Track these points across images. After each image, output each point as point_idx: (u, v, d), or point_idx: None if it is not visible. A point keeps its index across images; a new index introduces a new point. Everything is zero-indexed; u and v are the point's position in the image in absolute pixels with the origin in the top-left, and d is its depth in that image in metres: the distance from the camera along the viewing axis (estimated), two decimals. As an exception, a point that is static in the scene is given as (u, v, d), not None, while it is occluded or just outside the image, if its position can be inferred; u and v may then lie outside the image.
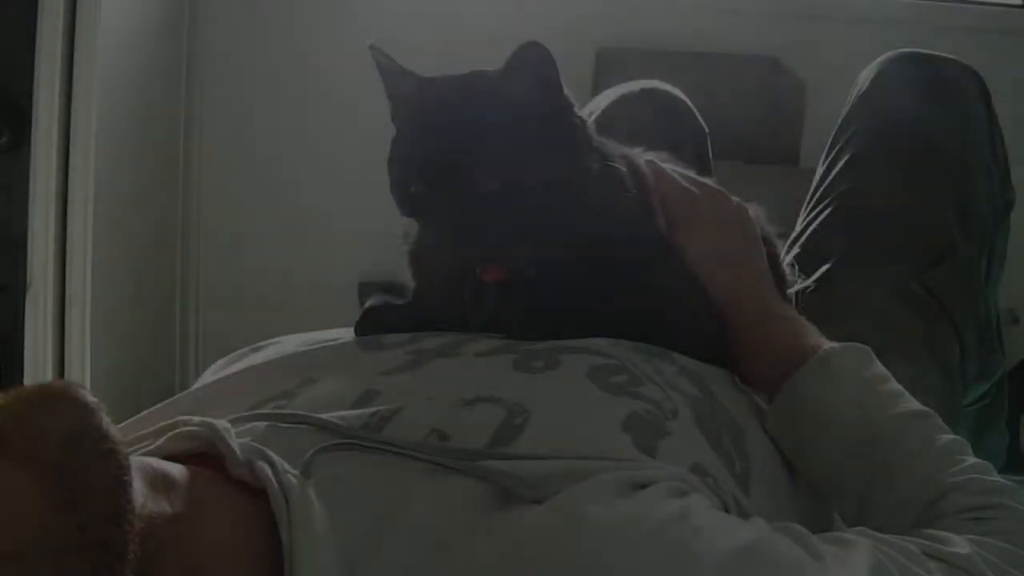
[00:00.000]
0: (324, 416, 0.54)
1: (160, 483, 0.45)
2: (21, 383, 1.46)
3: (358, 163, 2.20)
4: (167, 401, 0.65)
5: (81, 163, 1.55)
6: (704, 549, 0.45)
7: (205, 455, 0.51)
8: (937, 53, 1.00)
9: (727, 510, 0.53)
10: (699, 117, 1.16)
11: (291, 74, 2.20)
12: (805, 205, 1.02)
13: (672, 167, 0.79)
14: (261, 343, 0.75)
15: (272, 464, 0.48)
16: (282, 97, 2.20)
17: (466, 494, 0.48)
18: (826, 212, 0.97)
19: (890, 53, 1.02)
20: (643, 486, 0.49)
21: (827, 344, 0.69)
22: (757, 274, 0.75)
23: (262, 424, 0.55)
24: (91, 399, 0.40)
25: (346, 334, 0.72)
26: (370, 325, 0.72)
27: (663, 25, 2.20)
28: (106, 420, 0.40)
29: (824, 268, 0.93)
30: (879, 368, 0.68)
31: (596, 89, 2.11)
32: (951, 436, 0.63)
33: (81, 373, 1.57)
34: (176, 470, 0.47)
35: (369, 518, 0.47)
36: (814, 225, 0.97)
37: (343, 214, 2.18)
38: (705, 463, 0.56)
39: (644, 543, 0.45)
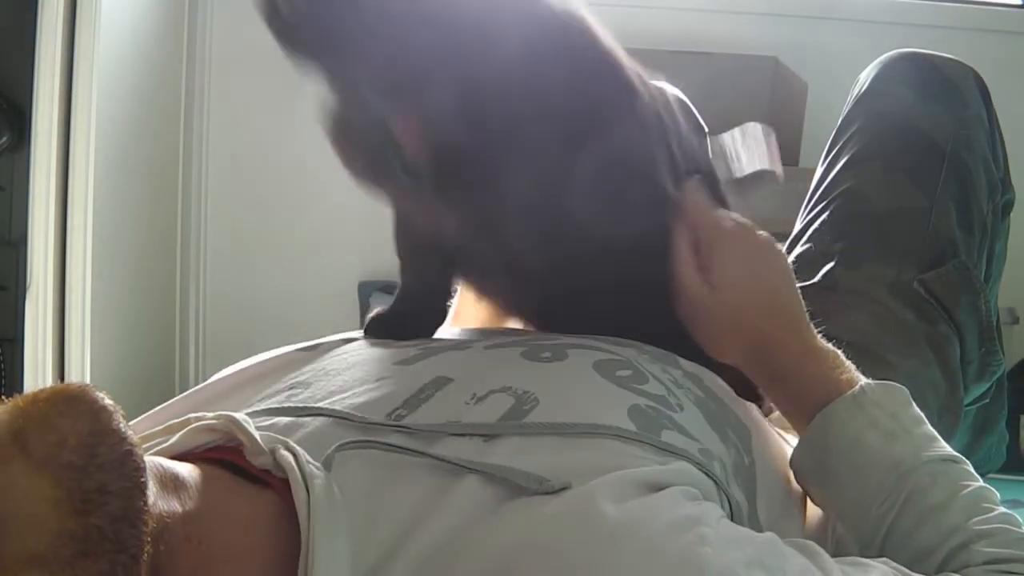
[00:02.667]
0: (344, 409, 0.55)
1: (170, 483, 0.45)
2: (21, 383, 1.46)
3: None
4: (178, 397, 0.65)
5: (81, 163, 1.55)
6: (711, 558, 0.44)
7: (220, 448, 0.51)
8: (937, 53, 1.00)
9: (736, 505, 0.53)
10: (699, 117, 1.16)
11: (292, 73, 2.20)
12: (805, 205, 1.01)
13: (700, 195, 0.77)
14: (268, 352, 0.75)
15: (295, 454, 0.48)
16: (283, 96, 2.20)
17: (479, 492, 0.48)
18: (826, 212, 0.97)
19: (890, 53, 1.02)
20: (658, 488, 0.49)
21: (864, 380, 0.67)
22: (793, 308, 0.72)
23: (284, 419, 0.55)
24: (108, 402, 0.41)
25: (359, 332, 0.73)
26: (375, 333, 0.72)
27: (663, 25, 2.20)
28: (123, 422, 0.41)
29: (825, 268, 0.93)
30: (914, 410, 0.66)
31: (596, 89, 2.11)
32: (980, 484, 0.62)
33: (81, 373, 1.57)
34: (185, 469, 0.47)
35: (386, 517, 0.48)
36: (815, 225, 0.97)
37: (343, 214, 2.18)
38: (713, 450, 0.56)
39: (652, 546, 0.45)
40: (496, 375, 0.58)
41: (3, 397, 0.41)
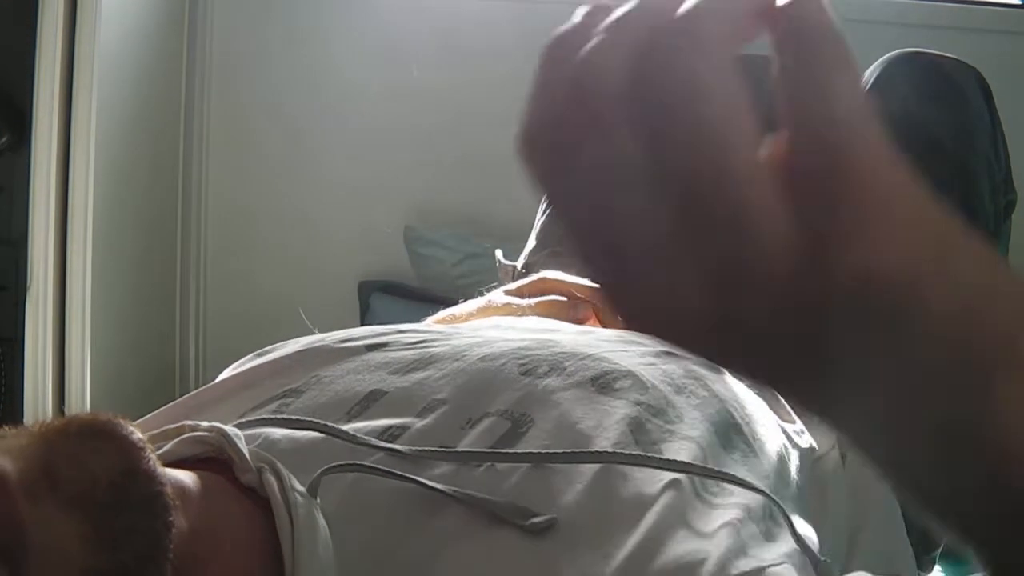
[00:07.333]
0: (344, 428, 0.54)
1: (176, 497, 0.45)
2: (21, 383, 1.46)
3: (359, 163, 2.21)
4: (176, 401, 0.65)
5: (81, 163, 1.55)
6: None
7: (212, 460, 0.51)
8: (939, 53, 0.99)
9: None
10: None
11: (292, 74, 2.20)
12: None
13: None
14: (264, 349, 0.75)
15: (280, 478, 0.48)
16: (283, 96, 2.20)
17: (462, 520, 0.48)
18: None
19: (892, 53, 1.01)
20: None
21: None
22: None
23: (277, 432, 0.54)
24: (137, 437, 0.41)
25: (354, 333, 0.72)
26: None
27: (663, 25, 2.20)
28: (153, 459, 0.41)
29: None
30: None
31: (596, 89, 2.11)
32: None
33: (81, 373, 1.56)
34: (189, 480, 0.47)
35: (370, 542, 0.47)
36: None
37: (343, 214, 2.18)
38: (717, 459, 0.55)
39: None
40: (492, 395, 0.57)
41: (2, 398, 0.41)
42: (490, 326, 0.76)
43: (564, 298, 0.80)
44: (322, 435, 0.53)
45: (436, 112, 2.17)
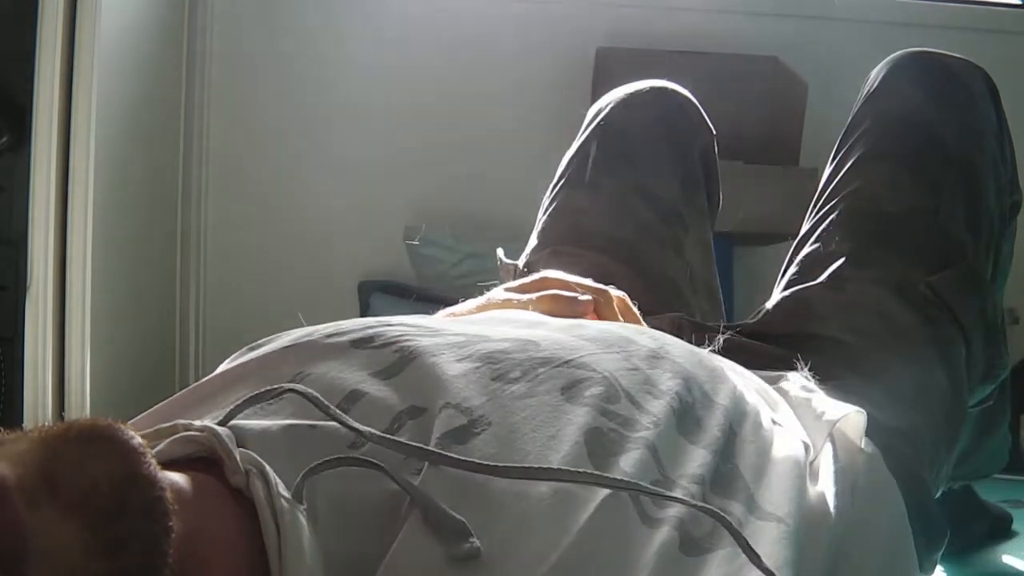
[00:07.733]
0: (363, 427, 0.54)
1: (174, 501, 0.45)
2: (21, 383, 1.45)
3: (359, 162, 2.21)
4: (169, 399, 0.65)
5: (81, 163, 1.55)
6: None
7: (204, 460, 0.51)
8: (946, 52, 0.99)
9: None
10: (707, 119, 1.16)
11: (292, 73, 2.20)
12: (813, 204, 1.01)
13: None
14: (257, 342, 0.74)
15: (267, 483, 0.48)
16: (283, 96, 2.20)
17: (415, 525, 0.47)
18: (835, 212, 0.96)
19: (900, 52, 1.01)
20: None
21: None
22: None
23: (256, 424, 0.54)
24: (137, 442, 0.41)
25: (343, 327, 0.71)
26: None
27: (663, 25, 2.20)
28: (153, 464, 0.41)
29: (832, 268, 0.92)
30: None
31: (596, 89, 2.12)
32: None
33: (81, 373, 1.56)
34: (183, 482, 0.47)
35: (356, 553, 0.47)
36: (823, 224, 0.96)
37: (343, 214, 2.18)
38: (672, 476, 0.54)
39: None
40: (456, 394, 0.56)
41: (2, 398, 0.41)
42: (483, 320, 0.76)
43: (565, 292, 0.80)
44: (303, 424, 0.52)
45: (437, 112, 2.18)
